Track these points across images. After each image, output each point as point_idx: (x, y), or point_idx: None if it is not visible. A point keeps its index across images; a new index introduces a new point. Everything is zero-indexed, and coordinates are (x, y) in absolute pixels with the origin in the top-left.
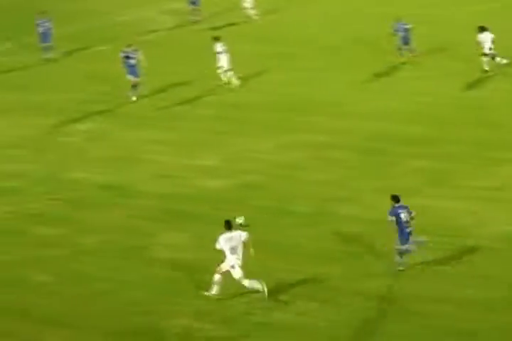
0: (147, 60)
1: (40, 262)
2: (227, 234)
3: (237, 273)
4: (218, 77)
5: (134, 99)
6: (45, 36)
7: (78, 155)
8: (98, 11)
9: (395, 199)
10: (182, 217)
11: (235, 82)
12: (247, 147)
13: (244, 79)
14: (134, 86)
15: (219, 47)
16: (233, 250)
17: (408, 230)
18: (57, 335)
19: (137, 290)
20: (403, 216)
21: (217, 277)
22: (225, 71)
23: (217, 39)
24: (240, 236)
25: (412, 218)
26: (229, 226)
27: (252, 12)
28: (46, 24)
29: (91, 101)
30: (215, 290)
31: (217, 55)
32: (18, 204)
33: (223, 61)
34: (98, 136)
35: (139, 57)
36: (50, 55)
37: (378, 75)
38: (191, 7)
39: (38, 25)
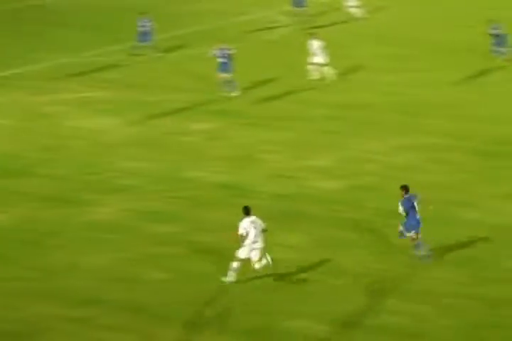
0: (250, 59)
1: (155, 260)
2: (248, 219)
3: (242, 253)
4: (311, 74)
5: (234, 94)
6: (145, 36)
7: (195, 155)
8: (215, 12)
9: (405, 189)
10: (298, 218)
11: (331, 77)
12: (361, 148)
13: (353, 79)
14: (227, 82)
15: (315, 43)
16: (255, 234)
17: (418, 217)
18: (171, 333)
19: (254, 290)
20: (416, 204)
21: (235, 264)
22: (321, 66)
23: (313, 35)
24: (260, 223)
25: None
26: (247, 211)
27: (358, 11)
28: (147, 24)
29: (205, 101)
30: (232, 277)
31: (313, 51)
32: (136, 202)
33: (319, 57)
34: (214, 135)
35: (232, 55)
36: (150, 53)
37: (488, 77)
38: (297, 8)
39: (139, 25)
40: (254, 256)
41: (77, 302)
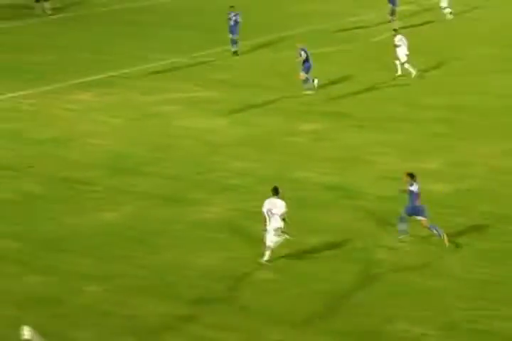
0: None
1: None
2: (270, 199)
3: (268, 238)
4: (412, 74)
5: (309, 92)
6: (232, 29)
7: (302, 155)
8: (324, 13)
9: (412, 176)
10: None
11: (413, 72)
12: (471, 151)
13: (457, 81)
14: (308, 80)
15: (398, 40)
16: (271, 214)
17: (418, 204)
18: (277, 332)
19: (358, 291)
20: (416, 188)
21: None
22: (402, 64)
23: (396, 32)
24: (280, 205)
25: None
26: (276, 192)
27: (447, 11)
28: (234, 17)
29: (309, 101)
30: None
31: (396, 47)
32: (243, 202)
33: (401, 54)
34: (320, 136)
35: (310, 55)
36: (235, 48)
37: None
38: (390, 6)
39: (229, 19)
40: (268, 239)
41: (184, 300)
